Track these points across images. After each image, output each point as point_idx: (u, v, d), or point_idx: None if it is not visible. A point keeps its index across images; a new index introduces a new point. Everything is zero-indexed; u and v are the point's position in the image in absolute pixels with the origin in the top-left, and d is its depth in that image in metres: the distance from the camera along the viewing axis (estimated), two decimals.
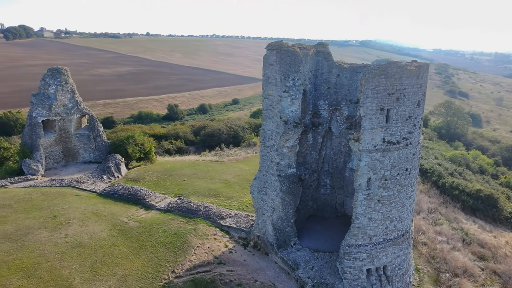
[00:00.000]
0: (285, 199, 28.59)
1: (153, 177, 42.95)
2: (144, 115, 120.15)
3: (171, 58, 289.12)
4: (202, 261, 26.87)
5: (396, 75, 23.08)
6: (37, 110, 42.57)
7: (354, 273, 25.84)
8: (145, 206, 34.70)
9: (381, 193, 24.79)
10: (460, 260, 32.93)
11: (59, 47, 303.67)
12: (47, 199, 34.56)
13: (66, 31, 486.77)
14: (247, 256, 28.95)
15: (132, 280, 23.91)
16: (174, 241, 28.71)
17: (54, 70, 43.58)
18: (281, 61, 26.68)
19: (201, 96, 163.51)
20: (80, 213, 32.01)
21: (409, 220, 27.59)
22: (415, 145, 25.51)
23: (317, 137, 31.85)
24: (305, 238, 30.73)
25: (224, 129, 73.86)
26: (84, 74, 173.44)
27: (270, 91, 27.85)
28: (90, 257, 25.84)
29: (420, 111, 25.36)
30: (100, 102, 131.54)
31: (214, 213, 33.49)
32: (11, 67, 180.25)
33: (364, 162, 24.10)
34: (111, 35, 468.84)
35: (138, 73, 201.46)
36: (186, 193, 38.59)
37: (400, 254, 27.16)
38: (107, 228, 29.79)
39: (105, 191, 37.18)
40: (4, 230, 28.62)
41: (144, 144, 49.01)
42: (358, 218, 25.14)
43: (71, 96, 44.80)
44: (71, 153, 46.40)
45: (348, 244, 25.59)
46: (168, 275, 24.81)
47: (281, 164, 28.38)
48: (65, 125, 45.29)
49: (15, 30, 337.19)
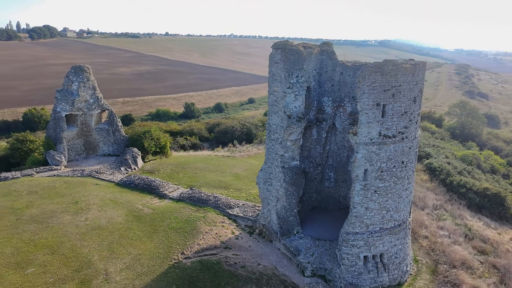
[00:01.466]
0: (288, 189, 30.34)
1: (167, 170, 45.33)
2: (161, 113, 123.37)
3: (189, 57, 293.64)
4: (210, 245, 28.90)
5: (392, 73, 24.53)
6: (61, 105, 45.54)
7: (352, 259, 27.38)
8: (159, 195, 37.01)
9: (378, 184, 26.26)
10: (460, 253, 33.90)
11: (81, 46, 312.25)
12: (69, 187, 37.30)
13: (88, 31, 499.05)
14: (252, 242, 30.83)
15: (144, 259, 26.13)
16: (184, 226, 30.86)
17: (77, 67, 46.49)
18: (285, 59, 28.43)
19: (218, 95, 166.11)
20: (99, 200, 34.57)
21: (406, 211, 28.90)
22: (411, 139, 26.86)
23: (321, 132, 33.45)
24: (308, 228, 32.44)
25: (238, 127, 75.95)
26: (105, 73, 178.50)
27: (275, 87, 29.65)
28: (108, 238, 28.23)
29: (416, 107, 26.69)
30: (120, 100, 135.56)
31: (223, 203, 35.52)
32: (36, 66, 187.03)
33: (361, 154, 25.64)
34: (131, 35, 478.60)
35: (156, 72, 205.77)
36: (198, 184, 40.75)
37: (397, 243, 28.52)
38: (123, 214, 32.20)
39: (122, 181, 39.70)
40: (31, 213, 31.37)
41: (160, 139, 51.50)
42: (355, 207, 26.70)
43: (92, 92, 47.64)
44: (91, 146, 49.27)
45: (346, 232, 27.16)
46: (178, 256, 26.93)
47: (285, 156, 30.15)
48: (86, 120, 48.17)
49: (40, 30, 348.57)
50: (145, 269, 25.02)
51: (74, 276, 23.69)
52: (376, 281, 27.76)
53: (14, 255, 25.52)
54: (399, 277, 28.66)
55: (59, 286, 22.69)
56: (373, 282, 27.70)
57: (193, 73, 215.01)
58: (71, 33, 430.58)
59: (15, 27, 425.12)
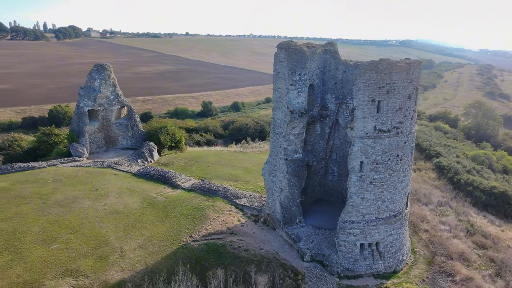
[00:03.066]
0: (291, 180, 32.29)
1: (181, 163, 47.94)
2: (180, 111, 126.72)
3: (208, 57, 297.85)
4: (216, 230, 31.16)
5: (386, 71, 26.17)
6: (84, 101, 48.80)
7: (348, 246, 29.13)
8: (172, 185, 39.56)
9: (373, 175, 27.92)
10: (458, 246, 35.04)
11: (104, 46, 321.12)
12: (90, 176, 40.32)
13: (111, 31, 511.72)
14: (257, 229, 32.93)
15: (156, 240, 28.60)
16: (194, 213, 33.25)
17: (99, 66, 49.68)
18: (289, 58, 30.40)
19: (235, 94, 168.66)
20: (117, 188, 37.38)
21: (402, 202, 30.38)
22: (406, 134, 28.38)
23: (324, 128, 35.26)
24: (310, 218, 34.31)
25: (251, 124, 78.15)
26: (126, 72, 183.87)
27: (279, 84, 31.66)
28: (123, 222, 30.88)
29: (411, 104, 28.20)
30: (140, 98, 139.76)
31: (231, 193, 37.77)
32: (61, 65, 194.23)
33: (357, 147, 27.38)
34: (152, 35, 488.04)
35: (176, 71, 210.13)
36: (209, 176, 43.13)
37: (393, 233, 30.06)
38: (138, 201, 34.87)
39: (139, 172, 42.49)
40: (55, 198, 34.42)
41: (175, 134, 54.21)
42: (351, 197, 28.44)
43: (113, 89, 50.74)
44: (111, 140, 52.42)
45: (343, 220, 28.92)
46: (186, 238, 29.28)
47: (288, 149, 32.11)
48: (107, 115, 51.33)
49: (65, 30, 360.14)
50: (156, 249, 27.48)
51: (93, 252, 26.37)
52: (371, 268, 29.41)
53: (41, 233, 28.44)
54: (394, 265, 30.19)
55: (79, 260, 25.37)
56: (369, 269, 29.36)
57: (212, 72, 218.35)
58: (95, 33, 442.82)
59: (42, 28, 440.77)
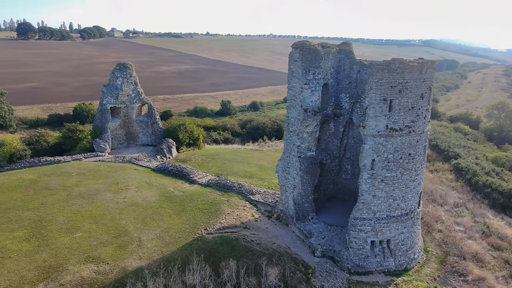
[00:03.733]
0: (304, 177, 32.98)
1: (198, 159, 49.23)
2: (199, 110, 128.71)
3: (228, 56, 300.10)
4: (230, 224, 32.17)
5: (398, 70, 26.54)
6: (106, 98, 50.74)
7: (359, 243, 29.61)
8: (189, 181, 40.84)
9: (384, 173, 28.32)
10: (472, 247, 34.91)
11: (127, 46, 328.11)
12: (112, 171, 42.05)
13: (133, 31, 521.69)
14: (270, 225, 33.77)
15: (172, 232, 29.84)
16: (209, 208, 34.37)
17: (121, 65, 51.56)
18: (303, 58, 31.09)
19: (254, 94, 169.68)
20: (137, 182, 38.92)
21: (414, 201, 30.60)
22: (418, 133, 28.63)
23: (338, 127, 35.77)
24: (323, 215, 34.90)
25: (269, 123, 78.95)
26: (147, 71, 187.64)
27: (293, 83, 32.39)
28: (142, 214, 32.28)
29: (424, 103, 28.44)
30: (160, 97, 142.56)
31: (246, 189, 38.73)
32: (86, 64, 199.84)
33: (369, 145, 27.85)
34: (174, 34, 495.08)
35: (196, 71, 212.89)
36: (225, 173, 44.21)
37: (404, 231, 30.35)
38: (156, 194, 36.27)
39: (158, 167, 44.00)
40: (79, 191, 36.20)
41: (193, 131, 55.59)
42: (363, 195, 28.92)
43: (134, 87, 52.54)
44: (132, 136, 54.25)
45: (354, 217, 29.43)
46: (201, 231, 30.41)
47: (301, 147, 32.81)
48: (128, 112, 53.19)
49: (90, 31, 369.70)
50: (172, 240, 28.70)
51: (113, 241, 27.80)
52: (382, 265, 29.81)
53: (65, 222, 30.13)
54: (405, 263, 30.47)
55: (100, 248, 26.84)
56: (379, 266, 29.76)
57: (231, 72, 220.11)
58: (118, 33, 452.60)
59: (68, 28, 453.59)
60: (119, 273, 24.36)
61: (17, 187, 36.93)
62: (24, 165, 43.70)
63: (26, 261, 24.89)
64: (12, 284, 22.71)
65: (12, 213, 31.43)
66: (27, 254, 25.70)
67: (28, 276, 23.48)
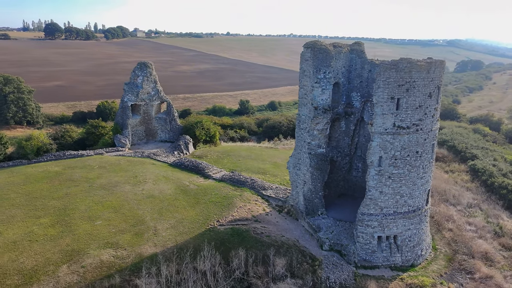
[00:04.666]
0: (314, 173, 33.94)
1: (214, 156, 50.79)
2: (217, 109, 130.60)
3: (248, 56, 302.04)
4: (242, 217, 33.46)
5: (406, 69, 27.20)
6: (127, 96, 52.96)
7: (366, 238, 30.37)
8: (204, 175, 42.39)
9: (392, 170, 29.00)
10: (482, 246, 35.01)
11: (149, 46, 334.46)
12: (131, 165, 44.07)
13: (156, 31, 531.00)
14: (280, 219, 34.89)
15: (186, 223, 31.37)
16: (222, 201, 35.78)
17: (142, 64, 53.68)
18: (314, 57, 32.06)
19: (273, 93, 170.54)
20: (154, 176, 40.74)
21: (422, 198, 31.09)
22: (426, 131, 29.16)
23: (349, 125, 36.53)
24: (332, 210, 35.78)
25: (285, 122, 79.88)
26: (169, 71, 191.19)
27: (305, 82, 33.40)
28: (158, 205, 33.97)
29: (432, 102, 28.93)
30: (180, 96, 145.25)
31: (258, 185, 39.96)
32: (109, 63, 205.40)
33: (376, 142, 28.60)
34: (195, 34, 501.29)
35: (216, 70, 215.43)
36: (239, 169, 45.57)
37: (411, 227, 30.90)
38: (172, 188, 37.95)
39: (174, 162, 45.78)
40: (100, 182, 38.27)
41: (210, 129, 57.20)
42: (370, 191, 29.67)
43: (154, 85, 54.58)
44: (151, 133, 56.34)
45: (362, 213, 30.21)
46: (214, 223, 31.82)
47: (311, 144, 33.78)
48: (148, 109, 55.27)
49: (114, 31, 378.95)
50: (186, 230, 30.22)
51: (131, 229, 29.55)
52: (388, 260, 30.48)
53: (87, 211, 32.12)
54: (412, 259, 31.03)
55: (119, 235, 28.61)
56: (386, 261, 30.45)
57: (250, 71, 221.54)
58: (140, 33, 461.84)
59: (93, 28, 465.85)
60: (135, 258, 26.01)
61: (44, 178, 39.32)
62: (50, 158, 46.27)
63: (51, 245, 26.87)
64: (38, 264, 24.67)
65: (38, 202, 33.68)
66: (52, 239, 27.70)
67: (53, 258, 25.41)
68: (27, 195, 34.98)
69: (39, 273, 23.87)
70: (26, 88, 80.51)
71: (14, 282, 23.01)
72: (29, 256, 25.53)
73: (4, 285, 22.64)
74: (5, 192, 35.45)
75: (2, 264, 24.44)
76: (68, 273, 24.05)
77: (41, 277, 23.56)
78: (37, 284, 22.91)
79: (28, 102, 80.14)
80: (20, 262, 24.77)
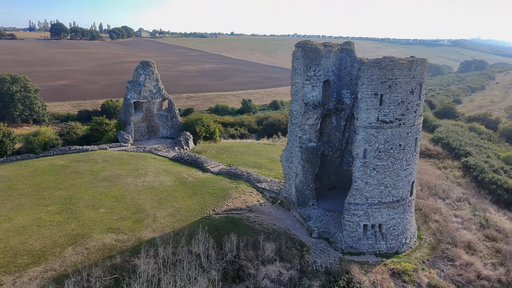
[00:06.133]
0: (305, 166, 35.84)
1: (213, 151, 52.82)
2: (220, 108, 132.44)
3: (252, 56, 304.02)
4: (236, 207, 35.43)
5: (388, 67, 29.03)
6: (130, 93, 55.12)
7: (352, 226, 32.22)
8: (202, 169, 44.43)
9: (376, 162, 30.83)
10: (466, 237, 36.69)
11: (153, 46, 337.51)
12: (133, 159, 46.21)
13: (160, 31, 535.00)
14: (273, 209, 36.82)
15: (184, 211, 33.40)
16: (218, 192, 37.78)
17: (144, 62, 55.84)
18: (304, 56, 33.96)
19: (276, 93, 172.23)
20: (155, 169, 42.83)
21: (406, 189, 32.86)
22: (409, 126, 30.95)
23: (340, 121, 38.40)
24: (323, 202, 37.66)
25: (284, 120, 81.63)
26: (173, 70, 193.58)
27: (296, 79, 35.31)
28: (158, 195, 36.04)
29: (414, 98, 30.69)
30: (184, 95, 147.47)
31: (254, 178, 41.92)
32: (114, 63, 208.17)
33: (361, 136, 30.45)
34: (199, 34, 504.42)
35: (219, 70, 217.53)
36: (237, 164, 47.54)
37: (395, 217, 32.70)
38: (172, 180, 40.01)
39: (175, 157, 47.85)
40: (104, 175, 40.42)
41: (210, 126, 59.22)
42: (356, 181, 31.52)
43: (156, 83, 56.71)
44: (153, 129, 58.48)
45: (348, 202, 32.07)
46: (209, 212, 33.83)
47: (303, 138, 35.68)
48: (150, 107, 57.41)
49: (118, 31, 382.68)
50: (183, 217, 32.26)
51: (131, 217, 31.63)
52: (374, 247, 32.31)
53: (91, 200, 34.25)
54: (396, 247, 32.83)
55: (120, 222, 30.70)
56: (371, 248, 32.28)
57: (254, 71, 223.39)
58: (145, 33, 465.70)
59: (98, 28, 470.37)
60: (135, 241, 28.06)
61: (50, 170, 41.54)
62: (56, 152, 48.51)
63: (57, 229, 29.00)
64: (46, 246, 26.79)
65: (46, 192, 35.86)
66: (58, 224, 29.84)
67: (59, 241, 27.52)
68: (35, 186, 37.17)
69: (47, 254, 25.98)
70: (33, 87, 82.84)
71: (24, 261, 25.12)
72: (37, 239, 27.65)
73: (15, 264, 24.77)
74: (15, 183, 37.66)
75: (13, 246, 26.58)
76: (73, 254, 26.15)
77: (49, 257, 25.67)
78: (44, 263, 25.01)
79: (35, 100, 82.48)
80: (29, 244, 26.90)
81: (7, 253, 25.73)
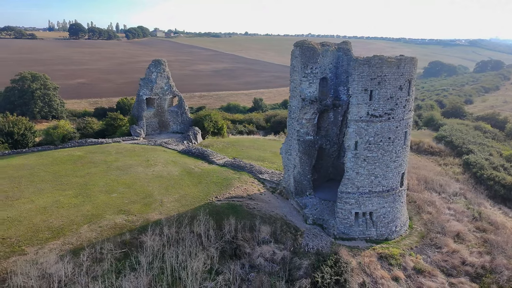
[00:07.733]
0: (302, 158, 38.26)
1: (219, 145, 55.66)
2: (232, 107, 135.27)
3: (265, 56, 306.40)
4: (238, 195, 38.10)
5: (378, 65, 31.24)
6: (143, 90, 58.41)
7: (345, 213, 34.51)
8: (208, 161, 47.26)
9: (366, 154, 33.06)
10: (456, 227, 38.44)
11: (168, 45, 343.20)
12: (144, 151, 49.37)
13: (175, 31, 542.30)
14: (272, 198, 39.36)
15: (188, 198, 36.25)
16: (222, 181, 40.53)
17: (156, 61, 59.08)
18: (302, 55, 36.36)
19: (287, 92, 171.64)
20: (164, 160, 45.89)
21: (396, 180, 34.93)
22: (398, 120, 33.06)
23: (337, 116, 40.64)
24: (320, 192, 40.01)
25: None
26: (187, 70, 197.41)
27: (294, 76, 37.76)
28: (165, 183, 39.01)
29: (403, 94, 32.79)
30: (197, 94, 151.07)
31: (256, 169, 44.54)
32: (130, 62, 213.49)
33: (352, 129, 32.73)
34: (213, 34, 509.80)
35: (232, 69, 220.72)
36: (241, 157, 50.22)
37: (385, 205, 34.84)
38: (179, 170, 42.97)
39: (183, 150, 50.86)
40: (117, 165, 43.64)
41: (218, 121, 62.08)
42: (348, 172, 33.81)
43: (167, 81, 59.86)
44: (164, 124, 61.68)
45: (341, 191, 34.37)
46: (212, 199, 36.59)
47: (300, 131, 38.10)
48: (161, 103, 60.61)
49: (135, 31, 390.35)
50: (187, 203, 35.10)
51: (141, 201, 34.64)
52: (364, 233, 34.54)
53: (105, 186, 37.43)
54: (386, 234, 34.97)
55: (130, 205, 33.73)
56: (362, 234, 34.52)
57: (266, 71, 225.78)
58: (160, 33, 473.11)
59: (115, 28, 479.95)
60: (143, 222, 31.00)
61: (68, 160, 44.97)
62: (74, 144, 52.05)
63: (74, 210, 32.18)
64: (64, 224, 29.96)
65: (64, 179, 39.20)
66: (75, 206, 33.02)
67: (76, 220, 30.67)
68: (54, 174, 40.57)
69: (65, 230, 29.11)
70: (52, 85, 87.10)
71: (45, 236, 28.30)
72: (56, 218, 30.84)
73: (37, 238, 27.96)
74: (36, 171, 41.14)
75: (35, 223, 29.82)
76: (88, 230, 29.23)
77: (67, 233, 28.79)
78: (63, 238, 28.14)
79: (54, 98, 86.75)
80: (50, 222, 30.10)
81: (30, 229, 28.96)
